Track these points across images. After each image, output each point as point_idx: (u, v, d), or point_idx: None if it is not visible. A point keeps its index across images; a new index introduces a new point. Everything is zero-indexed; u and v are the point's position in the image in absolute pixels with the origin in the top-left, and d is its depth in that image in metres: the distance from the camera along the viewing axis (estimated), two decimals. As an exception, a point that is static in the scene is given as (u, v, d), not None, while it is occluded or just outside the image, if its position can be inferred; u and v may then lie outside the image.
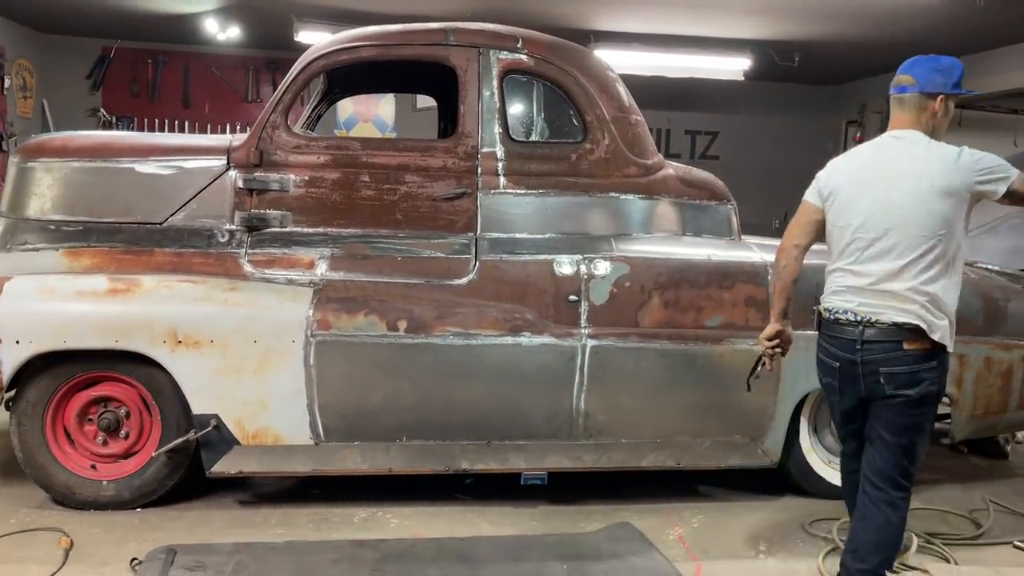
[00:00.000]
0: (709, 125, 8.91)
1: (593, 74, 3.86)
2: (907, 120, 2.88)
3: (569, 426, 3.67)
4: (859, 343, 2.80)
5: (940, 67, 2.87)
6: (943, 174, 2.73)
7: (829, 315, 2.93)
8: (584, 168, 3.79)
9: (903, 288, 2.75)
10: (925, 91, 2.85)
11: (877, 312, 2.78)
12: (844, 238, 2.92)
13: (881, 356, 2.77)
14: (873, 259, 2.82)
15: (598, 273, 3.64)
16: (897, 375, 2.76)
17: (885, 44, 6.80)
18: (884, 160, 2.87)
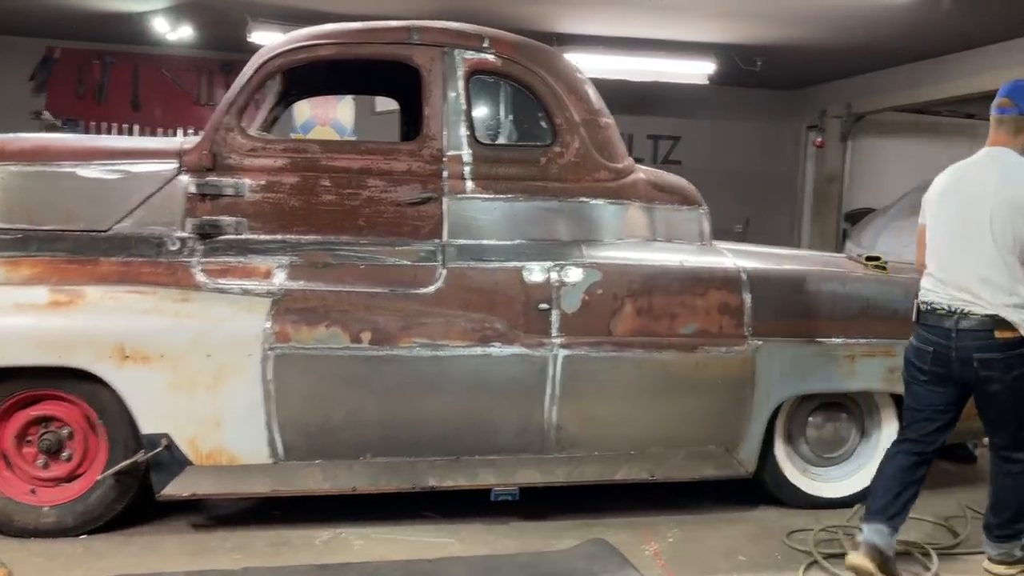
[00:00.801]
0: (671, 130, 8.88)
1: (562, 75, 3.74)
2: (1003, 139, 3.17)
3: (541, 439, 3.54)
4: None
5: None
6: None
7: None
8: (553, 172, 3.67)
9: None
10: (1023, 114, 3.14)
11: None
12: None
13: None
14: None
15: (569, 280, 3.52)
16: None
17: (845, 49, 6.81)
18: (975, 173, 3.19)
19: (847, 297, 3.79)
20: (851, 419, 4.02)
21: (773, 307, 3.68)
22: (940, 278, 3.19)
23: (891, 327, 3.82)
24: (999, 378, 3.08)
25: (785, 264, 3.87)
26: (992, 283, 3.06)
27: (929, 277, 3.26)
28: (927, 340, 3.20)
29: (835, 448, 4.01)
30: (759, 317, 3.66)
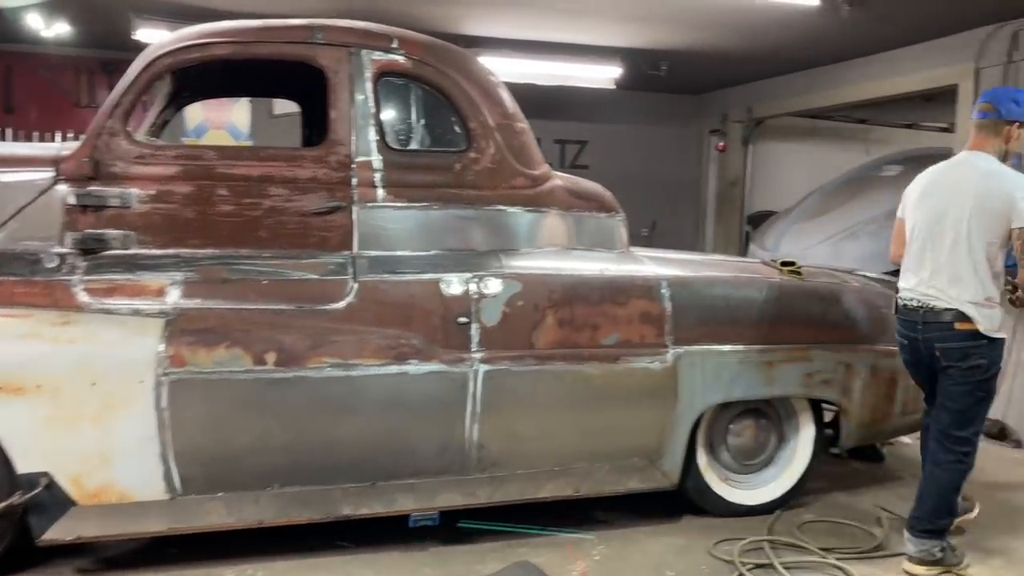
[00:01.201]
0: (578, 134, 8.85)
1: (475, 78, 3.59)
2: (982, 142, 3.38)
3: (462, 459, 3.37)
4: None
5: (1017, 96, 3.39)
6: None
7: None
8: (469, 179, 3.51)
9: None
10: (1004, 118, 3.33)
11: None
12: None
13: None
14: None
15: (489, 292, 3.37)
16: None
17: (747, 55, 6.92)
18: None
19: (764, 303, 3.77)
20: (770, 425, 4.01)
21: (694, 315, 3.63)
22: (914, 274, 3.41)
23: (807, 332, 3.83)
24: (955, 366, 3.31)
25: (703, 270, 3.83)
26: (961, 281, 3.27)
27: (905, 273, 3.46)
28: (902, 333, 3.48)
29: (755, 455, 3.99)
30: (680, 325, 3.60)
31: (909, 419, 4.13)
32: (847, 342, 3.89)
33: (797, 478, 4.02)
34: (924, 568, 3.36)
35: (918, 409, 4.11)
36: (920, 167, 7.49)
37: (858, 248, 6.98)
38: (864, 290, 4.08)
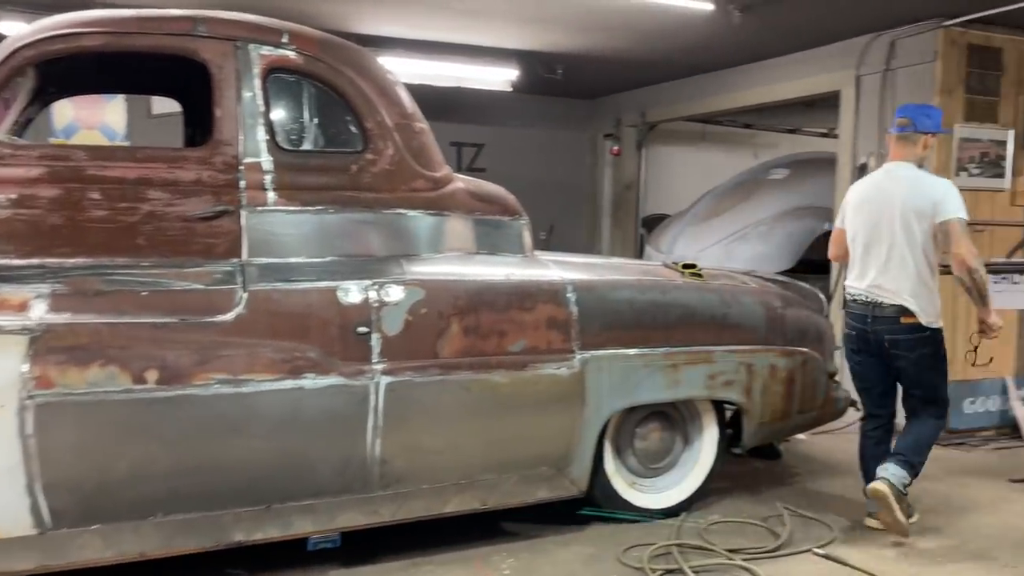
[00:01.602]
0: (475, 136, 8.75)
1: (371, 76, 3.43)
2: (903, 153, 3.82)
3: (364, 477, 3.20)
4: None
5: (928, 112, 3.87)
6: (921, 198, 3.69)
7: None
8: (366, 181, 3.35)
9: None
10: (919, 130, 3.79)
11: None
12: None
13: None
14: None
15: (390, 300, 3.21)
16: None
17: (641, 59, 6.99)
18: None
19: (668, 305, 3.77)
20: (675, 427, 4.01)
21: (600, 319, 3.58)
22: (860, 275, 3.85)
23: (710, 334, 3.84)
24: (905, 355, 3.76)
25: (608, 274, 3.79)
26: (899, 280, 3.71)
27: (852, 274, 3.93)
28: (852, 326, 3.90)
29: (661, 458, 3.98)
30: (586, 330, 3.54)
31: (806, 417, 4.22)
32: (748, 343, 3.93)
33: (702, 479, 4.03)
34: (888, 488, 3.62)
35: (814, 407, 4.23)
36: (805, 171, 7.85)
37: (749, 249, 7.17)
38: (762, 291, 4.14)
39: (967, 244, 3.61)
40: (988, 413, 5.70)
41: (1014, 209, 5.68)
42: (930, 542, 3.76)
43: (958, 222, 3.63)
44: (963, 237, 3.62)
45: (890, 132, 3.93)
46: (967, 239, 3.63)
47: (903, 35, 5.59)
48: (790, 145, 9.74)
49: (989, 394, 5.70)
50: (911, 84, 5.55)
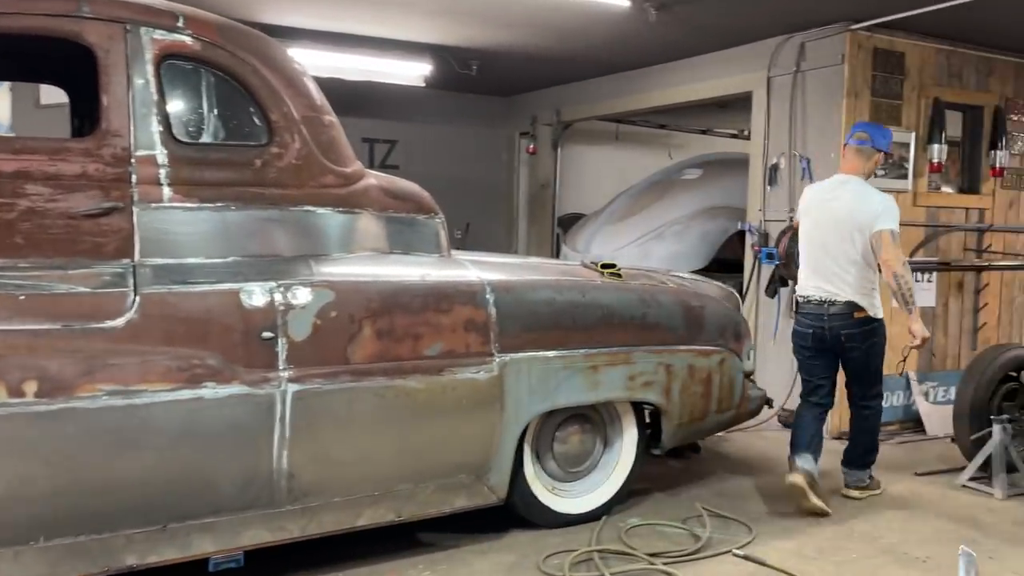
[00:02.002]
0: (387, 133, 8.54)
1: (276, 64, 3.23)
2: (856, 166, 4.23)
3: (270, 491, 3.00)
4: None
5: (884, 132, 4.31)
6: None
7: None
8: (271, 176, 3.15)
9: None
10: (875, 147, 4.21)
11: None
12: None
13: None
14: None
15: (297, 303, 3.02)
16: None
17: (557, 56, 6.93)
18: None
19: (588, 306, 3.69)
20: (595, 430, 3.94)
21: (519, 321, 3.47)
22: (814, 274, 4.23)
23: (629, 334, 3.79)
24: (858, 347, 4.17)
25: (526, 274, 3.68)
26: (848, 280, 4.12)
27: (804, 275, 4.30)
28: (806, 324, 4.26)
29: (581, 461, 3.91)
30: (505, 332, 3.43)
31: (724, 417, 4.21)
32: (667, 343, 3.89)
33: (622, 482, 3.98)
34: (857, 491, 4.34)
35: (732, 407, 4.23)
36: (718, 171, 7.94)
37: (664, 248, 7.20)
38: (680, 291, 4.11)
39: (894, 251, 4.02)
40: (893, 408, 5.86)
41: (916, 209, 5.85)
42: (846, 539, 3.80)
43: (889, 233, 4.02)
44: (891, 246, 4.02)
45: (848, 144, 4.29)
46: (895, 248, 4.03)
47: (812, 37, 5.69)
48: (702, 146, 9.87)
49: (894, 389, 5.85)
50: (820, 86, 5.65)
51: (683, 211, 7.42)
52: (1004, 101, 6.15)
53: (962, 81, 5.97)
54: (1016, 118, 6.23)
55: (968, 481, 4.61)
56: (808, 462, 4.13)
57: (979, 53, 6.00)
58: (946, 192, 6.08)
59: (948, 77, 5.90)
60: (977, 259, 6.13)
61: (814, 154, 5.71)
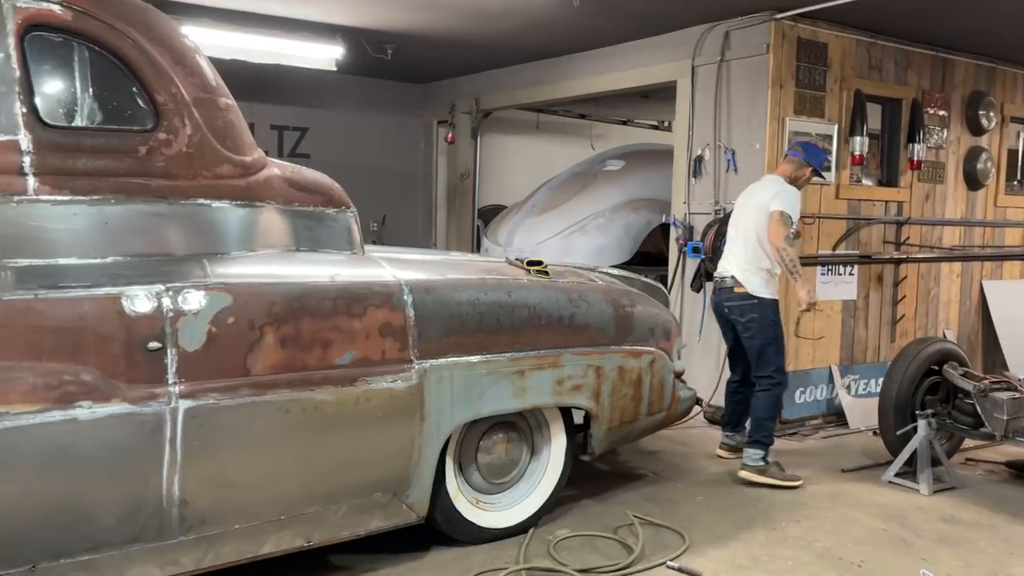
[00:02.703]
0: (298, 120, 8.09)
1: (163, 39, 2.86)
2: (784, 169, 4.70)
3: (159, 522, 2.66)
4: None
5: (819, 153, 4.78)
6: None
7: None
8: (158, 165, 2.79)
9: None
10: (806, 160, 4.65)
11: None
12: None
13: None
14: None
15: (189, 308, 2.68)
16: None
17: (476, 42, 6.65)
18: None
19: (514, 307, 3.44)
20: (521, 438, 3.71)
21: (440, 324, 3.20)
22: (724, 259, 4.72)
23: (557, 336, 3.56)
24: (739, 321, 4.60)
25: (448, 273, 3.41)
26: (738, 258, 4.60)
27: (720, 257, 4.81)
28: (712, 299, 4.83)
29: (507, 472, 3.67)
30: (425, 336, 3.15)
31: (655, 419, 4.04)
32: (597, 344, 3.69)
33: (550, 492, 3.76)
34: (752, 474, 4.46)
35: (663, 408, 4.06)
36: (640, 162, 7.81)
37: (588, 242, 7.03)
38: (609, 289, 3.91)
39: (776, 230, 4.39)
40: (817, 402, 5.84)
41: (839, 202, 5.82)
42: (780, 545, 3.68)
43: (778, 212, 4.41)
44: (777, 224, 4.40)
45: (786, 154, 4.79)
46: (780, 226, 4.39)
47: (737, 26, 5.57)
48: (623, 136, 9.76)
49: (817, 383, 5.83)
50: (745, 76, 5.54)
51: (606, 203, 7.26)
52: (921, 94, 6.19)
53: (882, 73, 5.97)
54: (932, 111, 6.28)
55: (894, 477, 4.57)
56: (730, 437, 4.81)
57: (897, 45, 6.01)
58: (867, 185, 6.08)
59: (868, 69, 5.88)
60: (896, 252, 6.16)
61: (739, 146, 5.60)
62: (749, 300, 4.52)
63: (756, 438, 4.50)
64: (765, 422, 4.52)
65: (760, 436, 4.50)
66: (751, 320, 4.53)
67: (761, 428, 4.51)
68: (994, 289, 6.92)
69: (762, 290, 4.52)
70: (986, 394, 4.44)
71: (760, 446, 4.48)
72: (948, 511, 4.16)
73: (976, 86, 6.58)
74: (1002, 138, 6.87)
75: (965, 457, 5.07)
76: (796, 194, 4.55)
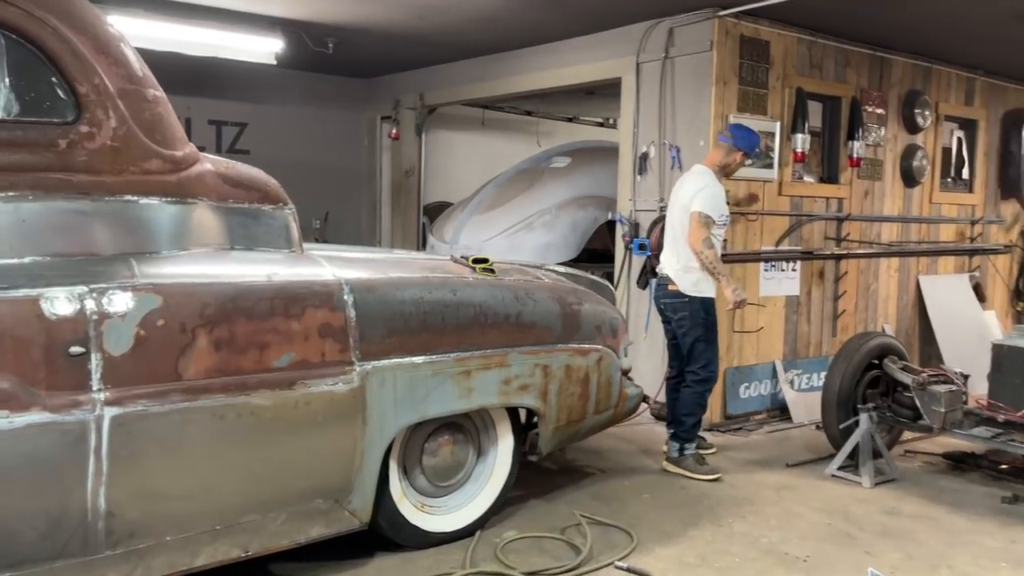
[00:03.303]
0: (237, 115, 7.88)
1: (85, 27, 2.71)
2: (713, 157, 4.68)
3: (84, 536, 2.52)
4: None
5: (748, 135, 4.62)
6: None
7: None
8: (81, 160, 2.65)
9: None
10: (735, 145, 4.58)
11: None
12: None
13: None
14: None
15: (115, 310, 2.54)
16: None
17: (421, 37, 6.54)
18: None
19: (459, 305, 3.37)
20: (467, 439, 3.64)
21: (383, 324, 3.11)
22: (663, 254, 4.72)
23: (503, 335, 3.50)
24: (671, 317, 4.66)
25: (391, 271, 3.32)
26: (670, 256, 4.63)
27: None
28: (653, 296, 4.85)
29: (453, 474, 3.60)
30: (367, 337, 3.06)
31: (603, 417, 4.01)
32: (544, 343, 3.63)
33: (497, 493, 3.71)
34: (671, 465, 4.59)
35: (610, 407, 4.03)
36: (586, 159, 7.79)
37: (534, 239, 6.98)
38: (556, 286, 3.86)
39: (695, 232, 4.41)
40: (761, 397, 5.89)
41: (781, 199, 5.88)
42: (727, 542, 3.68)
43: (696, 214, 4.42)
44: (696, 226, 4.42)
45: (717, 139, 4.78)
46: (699, 228, 4.40)
47: (681, 23, 5.58)
48: (569, 134, 9.75)
49: (762, 378, 5.88)
50: (690, 72, 5.55)
51: (552, 201, 7.22)
52: (860, 92, 6.29)
53: (822, 72, 6.04)
54: (871, 109, 6.39)
55: (837, 470, 4.63)
56: (668, 446, 4.69)
57: (837, 44, 6.09)
58: (808, 182, 6.15)
59: (809, 67, 5.95)
60: (836, 248, 6.25)
61: (684, 142, 5.61)
62: (680, 298, 4.54)
63: (675, 432, 4.59)
64: (684, 418, 4.58)
65: (679, 431, 4.58)
66: (682, 318, 4.55)
67: (680, 424, 4.58)
68: (929, 284, 7.08)
69: (693, 288, 4.52)
70: (924, 387, 4.52)
71: (677, 439, 4.57)
72: (889, 503, 4.22)
73: (912, 85, 6.71)
74: (937, 136, 7.03)
75: (904, 449, 5.15)
76: (716, 191, 4.49)
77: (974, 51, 6.57)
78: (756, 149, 4.74)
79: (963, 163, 7.40)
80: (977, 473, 4.76)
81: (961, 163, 7.40)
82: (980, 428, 4.52)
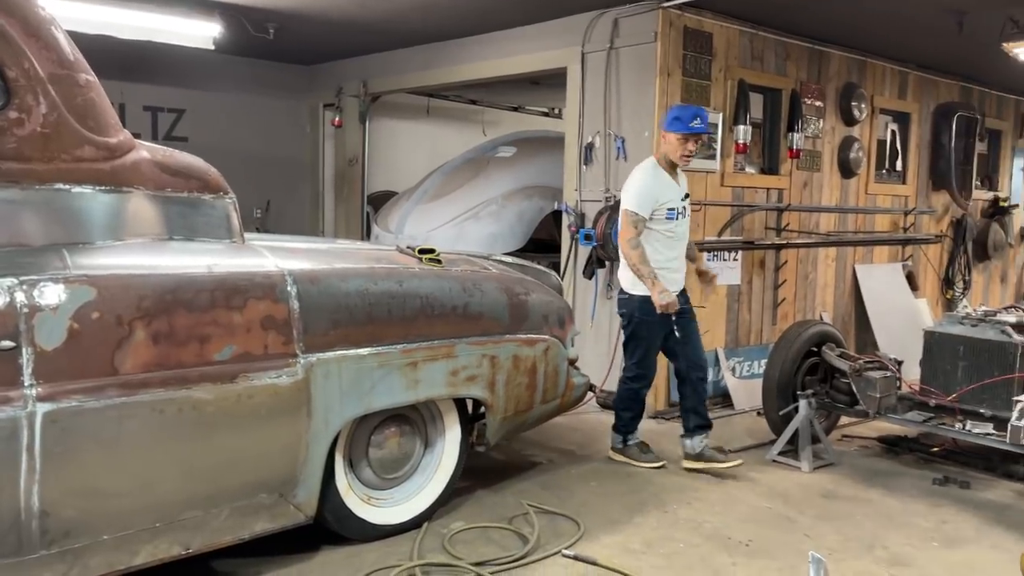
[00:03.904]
0: (174, 101, 7.67)
1: (13, 9, 2.61)
2: (659, 149, 4.50)
3: (17, 536, 2.44)
4: None
5: (673, 112, 4.38)
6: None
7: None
8: (9, 147, 2.55)
9: None
10: (664, 130, 4.40)
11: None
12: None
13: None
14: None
15: (46, 303, 2.45)
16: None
17: (363, 23, 6.44)
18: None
19: (405, 296, 3.34)
20: (414, 431, 3.62)
21: (327, 315, 3.06)
22: None
23: (450, 325, 3.49)
24: (619, 313, 4.60)
25: (335, 262, 3.27)
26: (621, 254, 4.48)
27: None
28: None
29: (400, 466, 3.58)
30: (311, 329, 3.01)
31: (550, 407, 4.03)
32: (491, 333, 3.63)
33: (445, 484, 3.69)
34: (615, 453, 4.67)
35: (557, 396, 4.06)
36: (532, 149, 7.79)
37: (481, 229, 6.97)
38: (503, 277, 3.85)
39: (622, 231, 4.34)
40: (704, 384, 5.97)
41: (723, 190, 5.97)
42: (671, 528, 3.74)
43: (623, 212, 4.35)
44: (624, 225, 4.33)
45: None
46: (625, 228, 4.32)
47: (626, 14, 5.60)
48: (515, 123, 9.73)
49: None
50: (634, 63, 5.58)
51: (498, 190, 7.21)
52: (799, 85, 6.41)
53: (763, 64, 6.14)
54: (810, 102, 6.52)
55: (777, 456, 4.73)
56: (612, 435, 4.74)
57: (777, 37, 6.19)
58: (749, 173, 6.25)
59: (751, 60, 6.04)
60: (777, 238, 6.37)
61: (629, 133, 5.65)
62: (622, 295, 4.54)
63: (616, 423, 4.68)
64: (620, 412, 4.65)
65: (618, 423, 4.67)
66: (622, 315, 4.57)
67: (616, 416, 4.68)
68: (865, 273, 7.28)
69: (631, 286, 4.45)
70: (860, 373, 4.65)
71: (615, 429, 4.68)
72: (827, 487, 4.33)
73: (849, 78, 6.87)
74: (872, 128, 7.21)
75: (842, 434, 5.30)
76: (645, 185, 4.31)
77: (907, 45, 6.75)
78: (691, 124, 4.27)
79: (897, 155, 7.62)
80: (910, 456, 4.92)
81: (895, 155, 7.61)
82: (913, 412, 4.66)
